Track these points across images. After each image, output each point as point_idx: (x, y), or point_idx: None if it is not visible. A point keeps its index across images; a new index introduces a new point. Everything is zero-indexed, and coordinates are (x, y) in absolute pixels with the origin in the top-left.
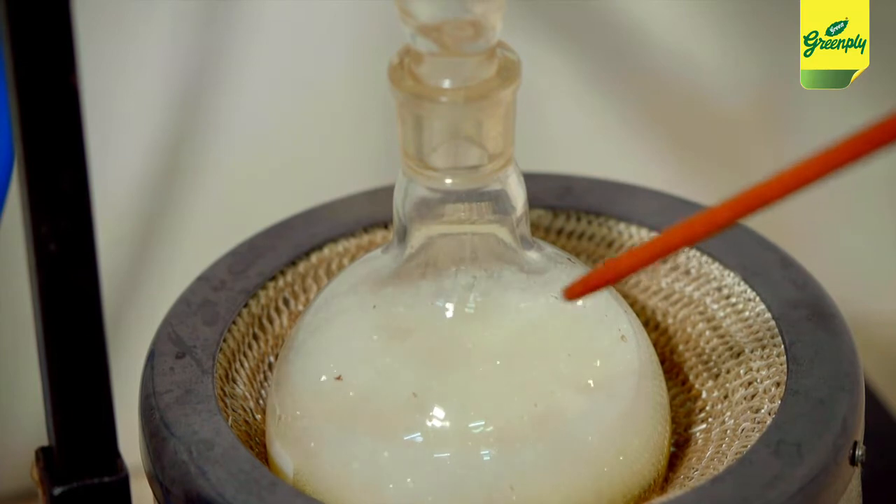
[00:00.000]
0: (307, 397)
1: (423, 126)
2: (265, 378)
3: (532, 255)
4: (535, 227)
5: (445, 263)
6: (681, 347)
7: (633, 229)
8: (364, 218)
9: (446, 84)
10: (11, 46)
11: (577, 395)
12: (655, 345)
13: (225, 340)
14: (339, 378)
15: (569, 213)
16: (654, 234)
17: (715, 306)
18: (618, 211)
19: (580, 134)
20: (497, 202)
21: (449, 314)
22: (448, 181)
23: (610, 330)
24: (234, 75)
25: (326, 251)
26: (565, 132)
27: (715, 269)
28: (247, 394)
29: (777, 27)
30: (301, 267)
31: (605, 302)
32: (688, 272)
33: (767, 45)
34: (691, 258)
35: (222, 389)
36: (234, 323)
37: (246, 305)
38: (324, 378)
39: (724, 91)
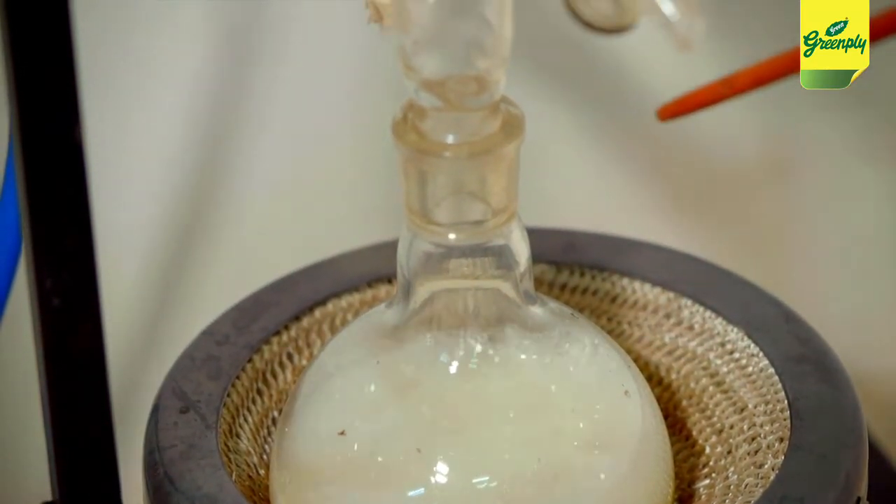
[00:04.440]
0: (311, 452)
1: (427, 181)
2: (269, 433)
3: (535, 311)
4: (538, 282)
5: (449, 319)
6: (684, 403)
7: (637, 284)
8: (368, 273)
9: (450, 139)
10: (16, 101)
11: (581, 450)
12: (659, 400)
13: (229, 395)
14: (342, 433)
15: (572, 268)
16: (657, 290)
17: (718, 361)
18: (621, 266)
19: (583, 189)
20: (501, 257)
21: (453, 369)
22: (452, 236)
23: (614, 385)
24: (237, 134)
25: (330, 306)
26: (568, 187)
27: (718, 324)
28: (250, 448)
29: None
30: (305, 322)
31: (608, 357)
32: (691, 327)
33: (771, 98)
34: (695, 313)
35: (226, 444)
36: (237, 378)
37: (250, 360)
38: (327, 433)
39: (727, 145)
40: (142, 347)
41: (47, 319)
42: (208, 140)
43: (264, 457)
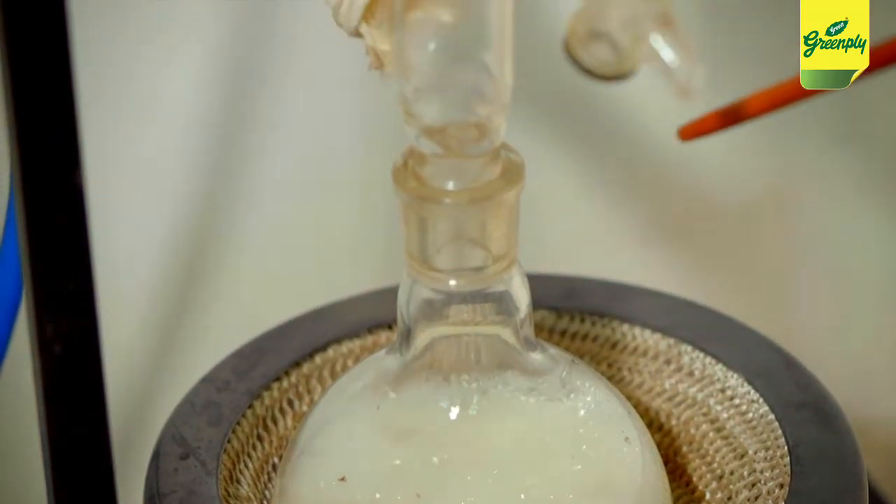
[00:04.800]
0: (311, 498)
1: (427, 227)
2: (269, 479)
3: (535, 357)
4: (538, 328)
5: (449, 365)
6: (684, 449)
7: (637, 330)
8: (368, 319)
9: (450, 185)
10: (17, 145)
11: (581, 497)
12: (659, 446)
13: (229, 441)
14: (342, 479)
15: (572, 314)
16: (657, 336)
17: (718, 407)
18: (621, 312)
19: (583, 235)
20: (501, 303)
21: (453, 415)
22: (452, 282)
23: (614, 432)
24: (238, 180)
25: (331, 352)
26: (568, 233)
27: (718, 370)
28: (251, 495)
29: (783, 121)
30: (305, 368)
31: (608, 403)
32: (691, 373)
33: (773, 142)
34: (695, 359)
35: (226, 490)
36: (238, 424)
37: (250, 406)
38: (328, 479)
39: (727, 189)
40: (142, 394)
41: (48, 366)
42: (209, 185)
43: (265, 503)
